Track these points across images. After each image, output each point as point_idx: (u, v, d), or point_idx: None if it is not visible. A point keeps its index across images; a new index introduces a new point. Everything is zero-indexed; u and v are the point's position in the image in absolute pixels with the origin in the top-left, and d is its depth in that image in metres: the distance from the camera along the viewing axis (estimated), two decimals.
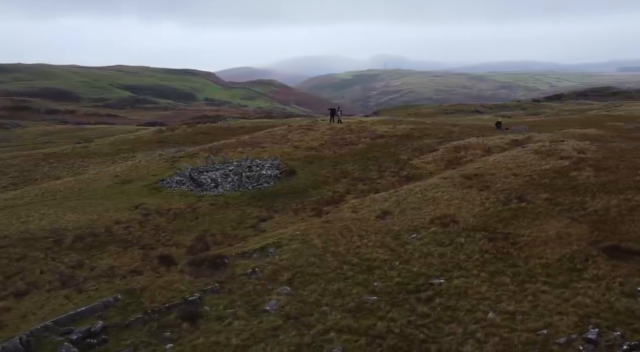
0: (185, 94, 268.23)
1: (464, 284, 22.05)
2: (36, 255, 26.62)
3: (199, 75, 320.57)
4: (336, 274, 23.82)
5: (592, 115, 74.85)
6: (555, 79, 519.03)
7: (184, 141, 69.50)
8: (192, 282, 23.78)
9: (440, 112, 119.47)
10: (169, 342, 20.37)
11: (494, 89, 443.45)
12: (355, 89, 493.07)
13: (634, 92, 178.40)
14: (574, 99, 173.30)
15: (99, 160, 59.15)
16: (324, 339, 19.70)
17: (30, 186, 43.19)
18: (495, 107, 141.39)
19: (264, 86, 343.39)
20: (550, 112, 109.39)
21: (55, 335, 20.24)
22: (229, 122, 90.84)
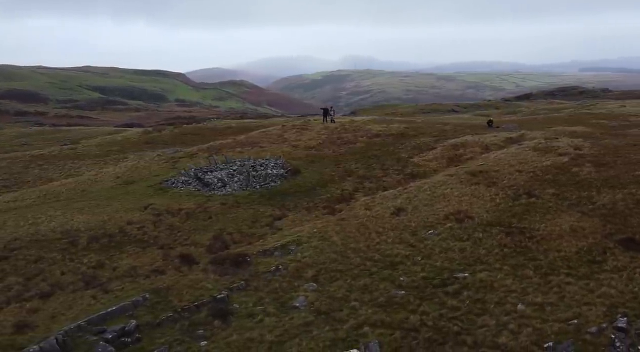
0: (156, 95, 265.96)
1: (488, 277, 22.52)
2: (53, 256, 26.39)
3: (169, 76, 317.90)
4: (360, 270, 24.11)
5: (576, 113, 76.38)
6: (520, 79, 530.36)
7: (172, 142, 69.10)
8: (218, 280, 23.87)
9: (417, 112, 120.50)
10: (202, 339, 20.47)
11: (462, 89, 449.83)
12: (325, 89, 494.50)
13: (599, 91, 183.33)
14: (543, 98, 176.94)
15: (90, 162, 58.42)
16: (358, 333, 19.98)
17: (29, 188, 42.53)
18: (470, 107, 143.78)
19: (235, 87, 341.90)
20: (526, 111, 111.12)
21: (89, 335, 20.19)
22: (214, 122, 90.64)
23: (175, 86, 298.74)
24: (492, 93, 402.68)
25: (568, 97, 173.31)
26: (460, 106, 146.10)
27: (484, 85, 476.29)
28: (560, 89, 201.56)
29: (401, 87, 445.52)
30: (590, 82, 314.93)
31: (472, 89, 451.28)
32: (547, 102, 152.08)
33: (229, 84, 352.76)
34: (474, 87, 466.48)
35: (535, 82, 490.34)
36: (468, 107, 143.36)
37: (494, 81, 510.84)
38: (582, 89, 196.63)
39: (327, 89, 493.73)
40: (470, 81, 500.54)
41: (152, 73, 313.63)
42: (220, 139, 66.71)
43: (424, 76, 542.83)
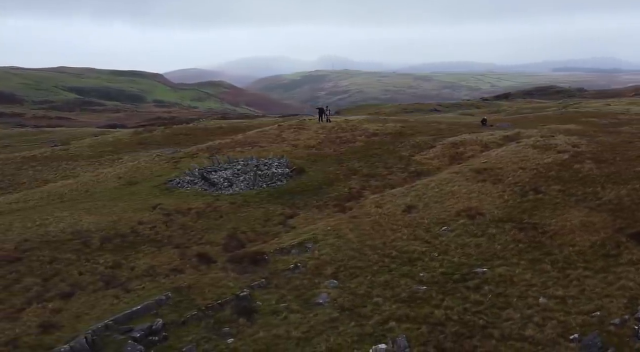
0: (133, 96, 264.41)
1: (507, 272, 22.93)
2: (67, 257, 26.24)
3: (147, 76, 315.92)
4: (379, 266, 24.39)
5: (566, 112, 77.54)
6: (495, 79, 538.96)
7: (165, 142, 68.82)
8: (238, 278, 23.97)
9: (400, 111, 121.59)
10: (229, 337, 20.56)
11: (438, 89, 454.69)
12: (304, 90, 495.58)
13: (575, 91, 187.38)
14: (521, 97, 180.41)
15: (84, 163, 58.04)
16: (385, 328, 20.22)
17: (31, 190, 42.11)
18: (452, 106, 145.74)
19: (213, 87, 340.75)
20: (510, 110, 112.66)
21: (116, 334, 20.19)
22: (204, 123, 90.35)
23: (153, 87, 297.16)
24: (468, 93, 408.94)
25: (545, 96, 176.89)
26: (443, 106, 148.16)
27: (460, 85, 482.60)
28: (538, 89, 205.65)
29: (379, 87, 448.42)
30: (563, 81, 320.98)
31: (449, 89, 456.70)
32: (526, 102, 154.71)
33: (207, 84, 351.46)
34: (450, 87, 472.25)
35: (510, 82, 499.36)
36: (450, 106, 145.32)
37: (470, 81, 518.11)
38: (559, 88, 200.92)
39: (306, 89, 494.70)
40: (446, 81, 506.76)
41: (129, 74, 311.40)
42: (213, 139, 66.60)
43: (402, 76, 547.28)
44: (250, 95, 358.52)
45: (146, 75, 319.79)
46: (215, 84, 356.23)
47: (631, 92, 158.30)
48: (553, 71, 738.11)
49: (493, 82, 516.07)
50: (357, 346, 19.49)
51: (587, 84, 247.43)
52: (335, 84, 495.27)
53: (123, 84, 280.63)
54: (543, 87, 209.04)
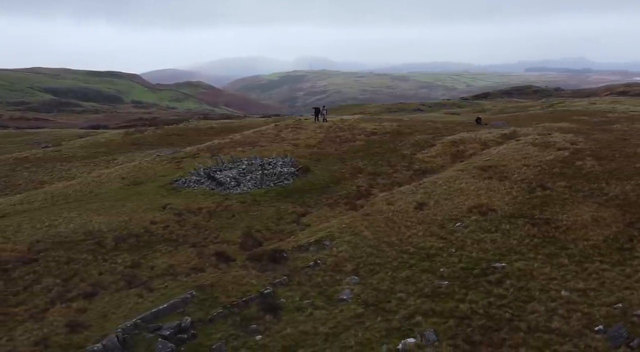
0: (111, 97, 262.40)
1: (526, 266, 23.36)
2: (84, 257, 26.15)
3: (124, 77, 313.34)
4: (399, 262, 24.68)
5: (555, 111, 78.61)
6: (470, 79, 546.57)
7: (158, 143, 68.57)
8: (259, 276, 24.11)
9: (384, 111, 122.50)
10: (257, 334, 20.72)
11: (415, 89, 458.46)
12: (282, 90, 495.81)
13: (552, 90, 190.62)
14: (500, 97, 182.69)
15: (79, 164, 57.61)
16: (412, 323, 20.52)
17: (34, 190, 41.75)
18: (435, 106, 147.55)
19: (192, 88, 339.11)
20: (494, 109, 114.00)
21: (145, 332, 20.23)
22: (194, 123, 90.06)
23: (131, 87, 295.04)
24: (445, 92, 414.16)
25: (524, 95, 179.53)
26: (426, 105, 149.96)
27: (436, 85, 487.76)
28: (515, 88, 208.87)
29: (357, 88, 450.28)
30: (536, 81, 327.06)
31: (426, 89, 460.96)
32: (506, 101, 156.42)
33: (185, 85, 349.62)
34: (427, 87, 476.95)
35: (485, 81, 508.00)
36: (433, 106, 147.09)
37: (446, 81, 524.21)
38: (536, 88, 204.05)
39: (284, 90, 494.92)
40: (423, 81, 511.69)
41: (106, 74, 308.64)
42: (207, 140, 66.50)
43: (379, 77, 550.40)
44: (229, 96, 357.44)
45: (123, 76, 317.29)
46: (193, 85, 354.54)
47: (605, 91, 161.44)
48: (526, 71, 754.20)
49: (468, 82, 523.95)
50: (385, 341, 19.75)
51: (559, 84, 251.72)
52: (313, 85, 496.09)
53: (100, 85, 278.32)
54: (520, 87, 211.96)
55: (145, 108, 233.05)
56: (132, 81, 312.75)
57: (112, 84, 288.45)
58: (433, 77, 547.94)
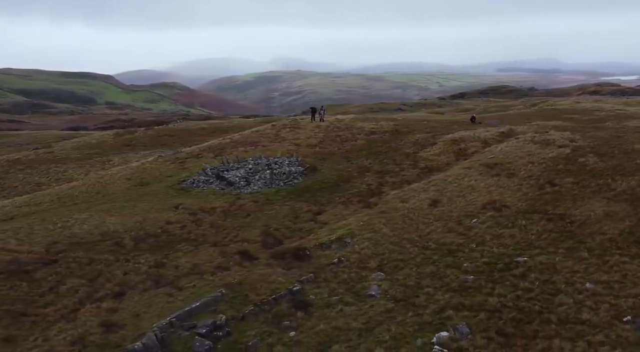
0: (85, 98, 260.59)
1: (547, 260, 23.89)
2: (105, 258, 26.07)
3: (97, 78, 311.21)
4: (422, 258, 25.06)
5: (543, 110, 79.81)
6: (443, 79, 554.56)
7: (152, 144, 68.36)
8: (286, 274, 24.32)
9: (366, 111, 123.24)
10: (290, 330, 20.95)
11: (390, 89, 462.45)
12: (258, 90, 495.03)
13: (526, 90, 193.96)
14: (477, 96, 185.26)
15: (74, 165, 57.22)
16: (443, 316, 20.91)
17: (39, 191, 41.30)
18: (415, 105, 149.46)
19: (166, 89, 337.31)
20: (478, 108, 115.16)
21: (181, 330, 20.35)
22: (183, 124, 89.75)
23: (105, 88, 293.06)
24: (419, 92, 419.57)
25: (500, 95, 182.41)
26: (406, 105, 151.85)
27: (410, 85, 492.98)
28: (491, 88, 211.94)
29: (332, 88, 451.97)
30: (507, 81, 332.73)
31: (400, 89, 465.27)
32: (485, 100, 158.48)
33: (160, 86, 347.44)
34: (401, 87, 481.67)
35: (457, 82, 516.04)
36: (414, 105, 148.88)
37: (420, 81, 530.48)
38: (511, 88, 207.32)
39: (260, 90, 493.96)
40: (397, 81, 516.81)
41: (79, 75, 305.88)
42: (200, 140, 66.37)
43: (354, 77, 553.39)
44: (205, 97, 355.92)
45: (97, 77, 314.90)
46: (168, 86, 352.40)
47: (577, 91, 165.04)
48: (498, 71, 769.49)
49: (441, 82, 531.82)
50: (419, 334, 20.10)
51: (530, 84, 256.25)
52: (288, 85, 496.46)
53: (73, 86, 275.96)
54: (496, 87, 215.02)
55: (119, 109, 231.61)
56: (106, 82, 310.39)
57: (86, 85, 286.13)
58: (407, 78, 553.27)
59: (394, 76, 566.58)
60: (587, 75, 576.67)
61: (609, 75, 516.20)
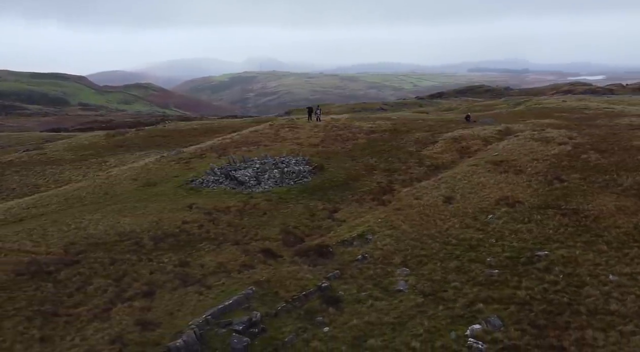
0: (57, 99, 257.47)
1: (568, 254, 24.46)
2: (127, 258, 26.03)
3: (70, 79, 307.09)
4: (444, 254, 25.48)
5: (531, 108, 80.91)
6: (416, 79, 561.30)
7: (145, 144, 67.89)
8: (312, 271, 24.57)
9: (349, 111, 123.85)
10: (323, 326, 21.21)
11: (364, 89, 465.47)
12: (233, 91, 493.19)
13: (502, 89, 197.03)
14: (454, 96, 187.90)
15: (70, 167, 56.62)
16: (473, 310, 21.34)
17: (44, 193, 40.79)
18: (396, 105, 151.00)
19: (141, 90, 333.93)
20: (462, 107, 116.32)
21: (217, 328, 20.48)
22: (173, 124, 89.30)
23: (78, 90, 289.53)
24: (393, 92, 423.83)
25: (477, 94, 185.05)
26: (388, 105, 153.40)
27: (384, 85, 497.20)
28: (468, 88, 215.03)
29: (307, 88, 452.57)
30: (478, 81, 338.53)
31: (374, 89, 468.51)
32: (463, 100, 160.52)
33: (134, 87, 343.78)
34: (376, 87, 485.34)
35: (430, 82, 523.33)
36: (395, 105, 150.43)
37: (394, 81, 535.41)
38: (488, 87, 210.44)
39: (235, 91, 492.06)
40: (371, 82, 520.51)
41: (51, 76, 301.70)
42: (193, 140, 66.24)
43: (329, 77, 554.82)
44: (180, 98, 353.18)
45: (69, 78, 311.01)
46: (142, 86, 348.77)
47: (551, 90, 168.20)
48: (469, 72, 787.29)
49: (415, 82, 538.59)
50: (452, 327, 20.49)
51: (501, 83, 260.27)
52: (264, 85, 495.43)
53: (46, 87, 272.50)
54: (472, 87, 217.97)
55: (94, 110, 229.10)
56: (79, 83, 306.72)
57: (58, 86, 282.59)
58: (381, 78, 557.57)
59: (368, 76, 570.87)
60: (555, 75, 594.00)
61: (576, 75, 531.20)
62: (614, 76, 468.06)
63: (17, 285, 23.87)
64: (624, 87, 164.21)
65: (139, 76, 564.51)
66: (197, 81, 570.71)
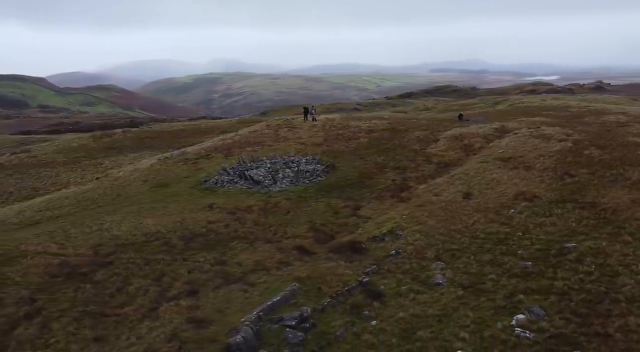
0: (16, 101, 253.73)
1: (595, 245, 25.35)
2: (161, 258, 26.06)
3: (29, 80, 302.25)
4: (476, 247, 26.17)
5: (519, 107, 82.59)
6: (379, 80, 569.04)
7: (137, 146, 67.46)
8: (349, 266, 25.00)
9: (325, 111, 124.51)
10: (371, 319, 21.69)
11: (329, 90, 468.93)
12: (197, 92, 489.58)
13: (469, 89, 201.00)
14: (423, 96, 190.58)
15: (65, 169, 56.00)
16: (515, 300, 22.06)
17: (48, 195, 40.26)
18: (370, 105, 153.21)
19: (103, 91, 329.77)
20: (439, 107, 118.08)
21: (270, 324, 20.76)
22: (159, 125, 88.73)
23: (37, 91, 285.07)
24: (357, 93, 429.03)
25: (445, 94, 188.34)
26: (361, 105, 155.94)
27: (349, 86, 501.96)
28: (437, 88, 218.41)
29: (273, 89, 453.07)
30: (440, 81, 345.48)
31: (339, 90, 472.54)
32: (434, 100, 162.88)
33: (96, 88, 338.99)
34: (340, 87, 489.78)
35: (393, 82, 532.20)
36: (368, 105, 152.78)
37: (358, 82, 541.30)
38: (455, 87, 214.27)
39: (200, 92, 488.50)
40: (336, 82, 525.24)
41: (9, 78, 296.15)
42: (184, 141, 66.06)
43: (294, 78, 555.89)
44: (144, 99, 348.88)
45: (28, 79, 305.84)
46: (105, 88, 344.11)
47: (515, 90, 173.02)
48: (430, 72, 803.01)
49: (378, 82, 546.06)
50: (497, 318, 21.14)
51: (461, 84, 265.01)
52: (228, 86, 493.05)
53: (4, 89, 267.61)
54: (440, 87, 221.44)
55: (54, 112, 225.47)
56: (38, 85, 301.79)
57: (17, 88, 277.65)
58: (345, 78, 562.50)
59: (333, 77, 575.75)
60: (512, 75, 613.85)
61: (532, 76, 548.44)
62: (567, 76, 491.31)
63: (53, 287, 23.76)
64: (581, 86, 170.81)
65: (101, 78, 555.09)
66: (161, 82, 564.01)
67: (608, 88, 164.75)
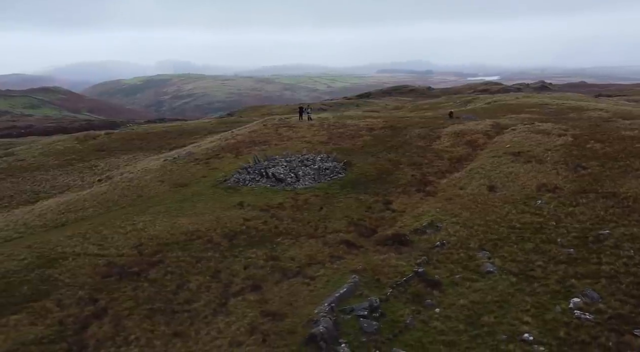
0: None
1: (628, 231, 26.69)
2: (210, 255, 26.34)
3: None
4: (516, 237, 27.24)
5: (502, 105, 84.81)
6: (329, 80, 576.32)
7: (127, 148, 66.87)
8: (400, 258, 25.73)
9: (290, 111, 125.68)
10: (434, 307, 22.45)
11: (280, 91, 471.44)
12: (146, 94, 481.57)
13: (425, 89, 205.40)
14: (381, 96, 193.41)
15: (60, 172, 55.35)
16: (567, 285, 23.15)
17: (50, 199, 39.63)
18: (334, 105, 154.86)
19: (48, 94, 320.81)
20: (409, 107, 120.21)
21: (342, 314, 21.31)
22: (142, 127, 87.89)
23: None
24: (307, 94, 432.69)
25: (403, 94, 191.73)
26: (326, 105, 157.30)
27: (299, 87, 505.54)
28: (394, 88, 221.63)
29: (224, 91, 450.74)
30: (388, 82, 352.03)
31: (289, 90, 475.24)
32: (394, 99, 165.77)
33: (40, 90, 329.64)
34: (291, 88, 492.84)
35: (343, 83, 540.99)
36: (333, 105, 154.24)
37: (308, 83, 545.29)
38: (412, 87, 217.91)
39: (149, 94, 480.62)
40: (286, 83, 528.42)
41: None
42: (173, 142, 65.80)
43: (244, 80, 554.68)
44: (92, 102, 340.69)
45: None
46: (49, 90, 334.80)
47: (469, 89, 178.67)
48: (378, 73, 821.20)
49: (328, 83, 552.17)
50: (554, 302, 22.18)
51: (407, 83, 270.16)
52: (178, 88, 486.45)
53: None
54: (398, 87, 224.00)
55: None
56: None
57: None
58: (295, 80, 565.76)
59: (283, 78, 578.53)
60: (456, 75, 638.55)
61: (474, 76, 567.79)
62: (507, 76, 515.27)
63: (108, 286, 23.89)
64: (528, 86, 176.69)
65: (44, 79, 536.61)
66: (108, 84, 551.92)
67: (551, 88, 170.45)
